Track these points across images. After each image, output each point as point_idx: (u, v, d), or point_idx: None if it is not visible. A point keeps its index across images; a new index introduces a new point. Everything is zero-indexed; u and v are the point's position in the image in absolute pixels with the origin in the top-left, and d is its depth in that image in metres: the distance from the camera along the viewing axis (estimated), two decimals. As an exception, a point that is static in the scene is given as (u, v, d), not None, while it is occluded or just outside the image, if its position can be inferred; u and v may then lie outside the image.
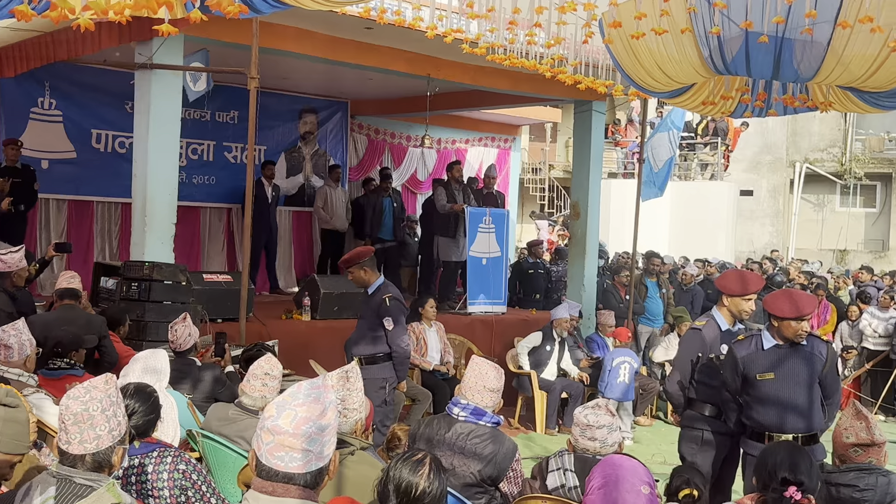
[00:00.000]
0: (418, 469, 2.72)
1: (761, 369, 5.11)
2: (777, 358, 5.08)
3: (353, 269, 6.95)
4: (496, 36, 6.76)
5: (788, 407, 5.03)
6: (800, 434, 4.96)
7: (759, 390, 5.12)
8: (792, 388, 5.03)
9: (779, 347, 5.08)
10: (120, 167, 10.73)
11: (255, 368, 4.63)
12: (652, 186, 12.65)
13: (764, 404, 5.11)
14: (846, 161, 25.53)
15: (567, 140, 23.87)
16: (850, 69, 5.96)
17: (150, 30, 6.95)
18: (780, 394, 5.05)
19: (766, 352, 5.11)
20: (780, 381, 5.05)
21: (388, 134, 14.97)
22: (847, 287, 15.21)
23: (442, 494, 2.77)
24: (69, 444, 2.79)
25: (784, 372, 5.05)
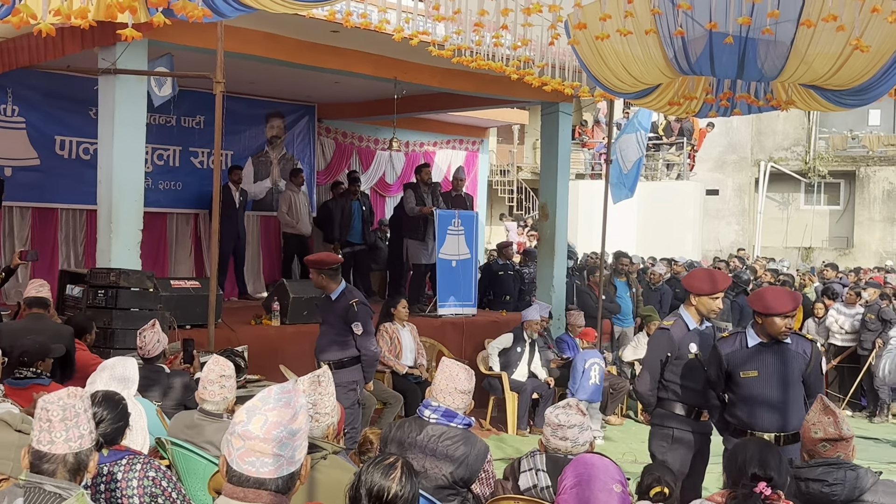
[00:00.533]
0: (390, 473, 2.72)
1: (745, 367, 5.15)
2: (761, 356, 5.12)
3: (313, 272, 7.00)
4: (463, 38, 6.78)
5: (771, 405, 5.06)
6: (782, 433, 5.00)
7: (742, 388, 5.15)
8: (775, 387, 5.06)
9: (763, 345, 5.12)
10: (84, 174, 10.63)
11: (209, 373, 4.58)
12: (622, 188, 12.72)
13: (747, 402, 5.14)
14: (810, 159, 25.85)
15: (535, 142, 23.96)
16: (813, 67, 6.03)
17: (113, 35, 6.92)
18: (763, 392, 5.08)
19: (751, 349, 5.14)
20: (763, 379, 5.09)
21: (356, 137, 14.94)
22: (813, 284, 15.38)
23: (414, 498, 2.77)
24: (52, 443, 2.74)
25: (768, 370, 5.09)
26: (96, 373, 4.69)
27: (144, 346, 5.98)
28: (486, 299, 12.15)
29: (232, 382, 4.60)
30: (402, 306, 9.09)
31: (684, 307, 5.53)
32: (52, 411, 2.78)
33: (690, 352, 5.39)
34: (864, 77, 6.10)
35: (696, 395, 5.41)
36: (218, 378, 4.53)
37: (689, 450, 5.41)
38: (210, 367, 4.59)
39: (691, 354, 5.39)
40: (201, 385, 4.59)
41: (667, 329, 5.46)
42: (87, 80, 8.98)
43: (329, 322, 7.06)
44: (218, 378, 4.53)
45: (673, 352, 5.39)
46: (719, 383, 5.30)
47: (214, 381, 4.52)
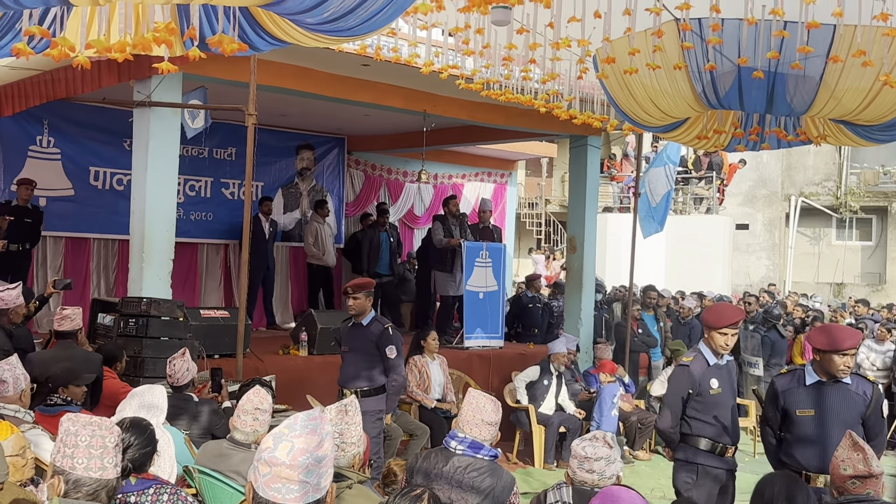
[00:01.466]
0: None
1: (802, 405, 5.05)
2: (819, 394, 5.01)
3: (361, 296, 6.96)
4: (492, 72, 6.83)
5: (828, 446, 4.86)
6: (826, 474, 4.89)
7: (798, 427, 5.06)
8: (832, 427, 4.93)
9: (821, 384, 5.02)
10: (117, 204, 10.79)
11: (245, 403, 4.60)
12: (651, 222, 12.66)
13: (803, 442, 5.04)
14: (841, 195, 25.63)
15: (563, 175, 23.97)
16: (842, 103, 6.02)
17: (148, 68, 7.05)
18: (819, 432, 4.97)
19: (808, 387, 5.06)
20: (820, 418, 4.99)
21: (385, 170, 15.04)
22: (844, 320, 15.20)
23: None
24: (73, 469, 2.79)
25: (825, 409, 4.98)
26: (126, 400, 4.73)
27: (174, 374, 6.02)
28: (513, 331, 12.13)
29: (266, 417, 4.61)
30: (432, 339, 9.07)
31: (703, 342, 5.46)
32: (78, 436, 2.81)
33: (712, 387, 5.32)
34: (894, 113, 6.08)
35: (719, 430, 5.35)
36: (253, 410, 4.55)
37: (715, 485, 5.35)
38: (249, 397, 4.61)
39: (713, 389, 5.32)
40: (236, 412, 4.62)
41: (686, 365, 5.40)
42: (122, 112, 9.13)
43: (357, 349, 7.03)
44: (253, 410, 4.55)
45: (694, 388, 5.33)
46: (775, 421, 5.22)
47: (249, 411, 4.54)
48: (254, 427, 4.53)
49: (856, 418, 4.95)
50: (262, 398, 4.60)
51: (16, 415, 4.84)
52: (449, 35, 6.50)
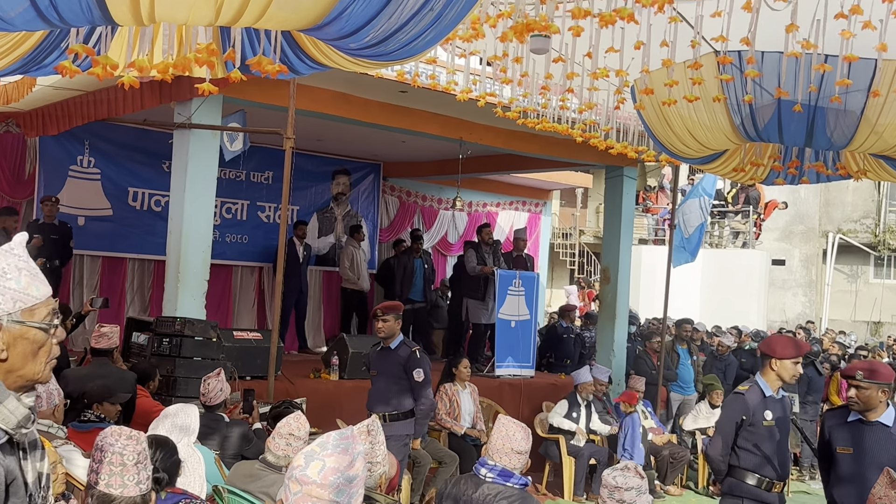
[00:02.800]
0: None
1: (842, 443, 5.01)
2: (858, 433, 4.96)
3: (390, 318, 6.95)
4: (529, 100, 6.85)
5: (863, 487, 4.76)
6: None
7: (838, 465, 5.01)
8: (868, 468, 4.84)
9: (862, 422, 4.96)
10: (155, 225, 10.91)
11: (282, 427, 4.62)
12: (683, 252, 12.63)
13: (841, 480, 4.98)
14: (880, 232, 25.34)
15: (598, 206, 23.92)
16: (883, 137, 5.97)
17: (189, 90, 7.15)
18: (854, 471, 4.91)
19: (849, 425, 5.01)
20: (857, 457, 4.93)
21: (420, 196, 15.09)
22: (883, 359, 14.97)
23: None
24: (96, 483, 2.82)
25: (862, 449, 4.92)
26: (158, 419, 4.75)
27: (207, 392, 6.05)
28: (545, 361, 12.06)
29: (300, 444, 4.61)
30: (463, 366, 9.04)
31: (761, 374, 5.38)
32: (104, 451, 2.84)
33: (766, 419, 5.25)
34: (936, 148, 6.02)
35: (768, 465, 5.26)
36: (287, 435, 4.56)
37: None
38: (288, 421, 4.63)
39: (766, 422, 5.25)
40: (272, 435, 4.64)
41: (742, 394, 5.32)
42: (162, 134, 9.26)
43: (386, 373, 7.02)
44: (287, 435, 4.56)
45: (747, 417, 5.24)
46: (822, 457, 5.18)
47: (284, 436, 4.56)
48: (286, 452, 4.53)
49: (894, 461, 4.85)
50: (301, 425, 4.61)
51: (49, 430, 4.87)
52: (487, 63, 6.54)
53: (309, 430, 4.76)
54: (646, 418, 10.37)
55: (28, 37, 4.00)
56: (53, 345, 2.05)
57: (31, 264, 2.03)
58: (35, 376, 2.03)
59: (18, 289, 1.98)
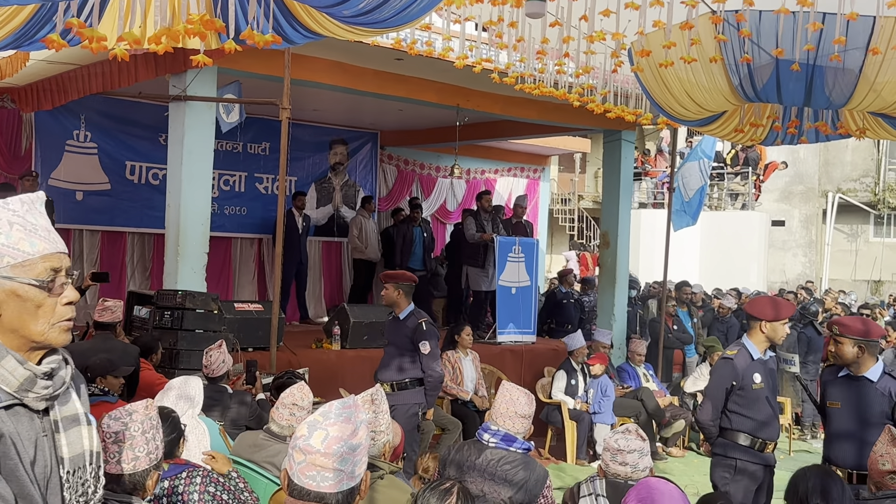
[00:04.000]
0: (446, 498, 2.72)
1: (831, 397, 5.15)
2: (846, 387, 5.08)
3: (389, 286, 6.94)
4: (525, 66, 6.80)
5: (849, 440, 4.96)
6: (855, 470, 4.88)
7: (829, 420, 5.15)
8: (853, 422, 4.97)
9: (850, 377, 5.06)
10: (153, 198, 10.89)
11: (286, 397, 4.65)
12: (683, 215, 12.60)
13: (831, 436, 5.12)
14: (879, 191, 25.29)
15: (596, 171, 23.86)
16: (882, 96, 5.93)
17: (184, 62, 7.10)
18: (842, 426, 5.02)
19: (839, 380, 5.13)
20: (844, 412, 5.04)
21: (418, 164, 15.05)
22: (884, 318, 15.01)
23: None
24: (107, 462, 2.82)
25: (849, 403, 5.03)
26: (162, 392, 4.78)
27: (210, 364, 6.07)
28: (546, 327, 12.09)
29: (303, 415, 4.63)
30: (466, 333, 9.06)
31: (748, 336, 5.43)
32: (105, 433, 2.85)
33: (755, 382, 5.30)
34: (936, 105, 5.99)
35: (759, 425, 5.31)
36: (290, 405, 4.58)
37: (753, 482, 5.30)
38: (292, 391, 4.65)
39: (755, 384, 5.30)
40: (276, 404, 4.66)
41: (730, 358, 5.37)
42: (158, 107, 9.22)
43: (395, 343, 7.04)
44: (290, 405, 4.58)
45: (737, 381, 5.30)
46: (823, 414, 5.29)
47: (287, 405, 4.59)
48: (290, 422, 4.56)
49: (879, 416, 4.92)
50: (304, 395, 4.64)
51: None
52: (482, 29, 6.49)
53: (312, 399, 4.78)
54: (647, 381, 10.43)
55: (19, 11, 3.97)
56: (60, 305, 1.98)
57: (28, 219, 1.97)
58: (39, 337, 1.96)
59: (8, 244, 1.93)
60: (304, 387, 4.74)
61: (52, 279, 1.97)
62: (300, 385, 4.76)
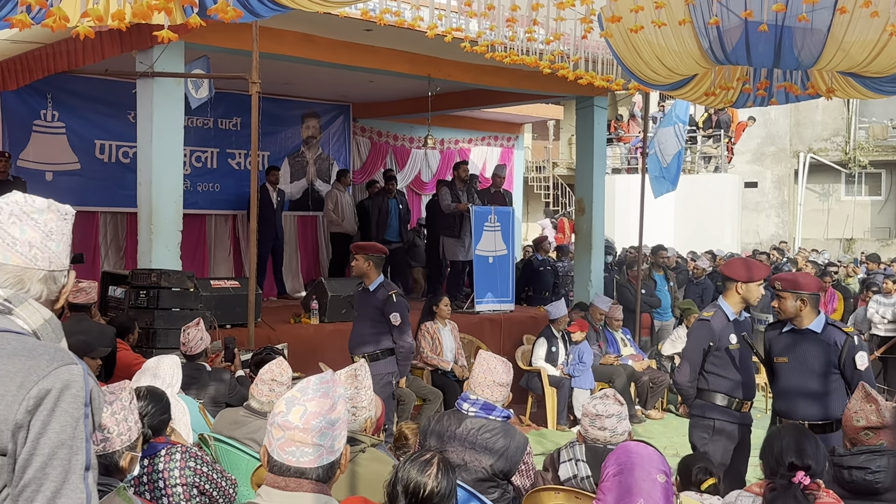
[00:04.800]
0: (426, 469, 2.73)
1: (778, 353, 5.21)
2: (791, 342, 5.15)
3: (360, 257, 6.98)
4: (496, 34, 6.77)
5: (801, 394, 5.05)
6: (809, 421, 4.96)
7: (777, 376, 5.22)
8: (803, 375, 5.06)
9: (795, 332, 5.13)
10: (124, 177, 10.78)
11: (265, 373, 4.65)
12: (663, 181, 12.58)
13: (780, 391, 5.20)
14: (850, 150, 25.48)
15: (570, 138, 23.87)
16: (850, 55, 5.96)
17: (150, 38, 7.02)
18: (792, 380, 5.10)
19: (784, 335, 5.19)
20: (792, 366, 5.11)
21: (391, 136, 14.99)
22: (857, 275, 15.19)
23: (451, 493, 2.78)
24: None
25: (796, 358, 5.10)
26: (140, 372, 4.76)
27: (188, 342, 6.05)
28: (524, 295, 12.13)
29: (282, 390, 4.64)
30: (444, 304, 9.08)
31: (723, 298, 5.49)
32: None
33: (731, 342, 5.36)
34: (904, 63, 6.02)
35: (736, 385, 5.38)
36: (270, 381, 4.59)
37: (731, 441, 5.38)
38: (270, 367, 4.66)
39: (732, 345, 5.36)
40: (255, 380, 4.67)
41: (707, 320, 5.42)
42: (125, 84, 9.11)
43: (365, 314, 7.08)
44: (270, 381, 4.59)
45: (714, 342, 5.36)
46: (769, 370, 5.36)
47: (266, 381, 4.59)
48: (269, 398, 4.57)
49: (827, 367, 5.01)
50: (283, 370, 4.65)
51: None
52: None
53: (291, 374, 4.79)
54: (625, 346, 10.50)
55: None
56: None
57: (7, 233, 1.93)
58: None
59: None
60: (282, 362, 4.74)
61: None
62: (279, 361, 4.77)
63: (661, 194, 12.76)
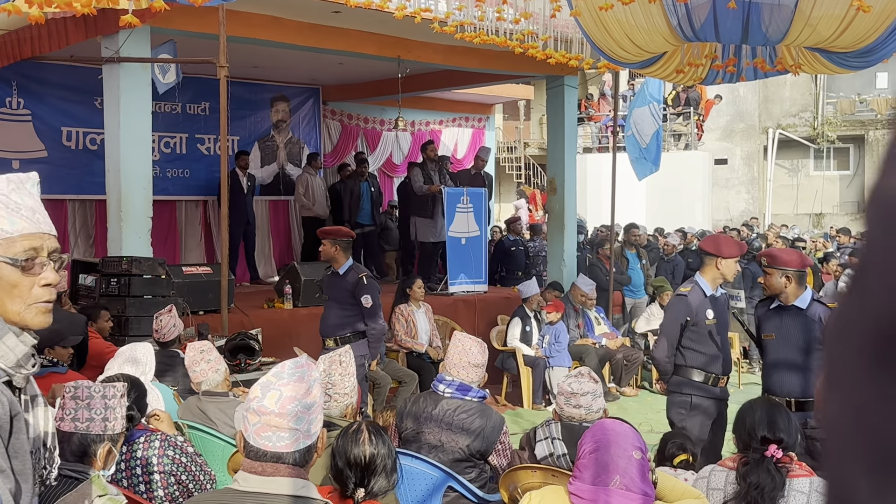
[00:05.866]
0: (358, 437, 2.78)
1: (765, 329, 5.27)
2: (779, 319, 5.19)
3: (327, 242, 6.97)
4: (465, 14, 6.76)
5: (788, 369, 5.10)
6: (793, 398, 5.01)
7: (765, 352, 5.29)
8: (790, 351, 5.11)
9: (781, 308, 5.18)
10: (92, 164, 10.67)
11: (190, 360, 4.72)
12: (645, 162, 12.50)
13: (769, 366, 5.26)
14: (818, 125, 25.69)
15: (541, 117, 23.89)
16: (818, 30, 6.00)
17: (115, 23, 6.92)
18: (779, 356, 5.16)
19: (772, 311, 5.24)
20: (779, 342, 5.17)
21: (362, 119, 14.93)
22: (827, 249, 15.34)
23: (390, 454, 2.83)
24: (62, 420, 2.83)
25: (783, 333, 5.16)
26: (113, 359, 4.73)
27: (160, 329, 6.02)
28: (497, 275, 12.15)
29: (215, 354, 4.71)
30: (417, 286, 9.07)
31: (700, 274, 5.51)
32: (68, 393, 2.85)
33: (707, 318, 5.40)
34: (869, 39, 6.08)
35: (713, 361, 5.42)
36: (200, 356, 4.62)
37: (708, 416, 5.43)
38: (188, 354, 4.71)
39: (709, 320, 5.40)
40: (190, 373, 4.68)
41: (685, 295, 5.46)
42: (91, 70, 8.99)
43: (336, 298, 7.07)
44: (200, 356, 4.62)
45: (691, 317, 5.40)
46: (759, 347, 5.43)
47: (199, 360, 4.61)
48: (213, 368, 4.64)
49: (812, 343, 5.07)
50: (199, 345, 4.72)
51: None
52: (420, -23, 6.41)
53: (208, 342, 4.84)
54: (599, 324, 10.55)
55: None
56: (37, 286, 1.89)
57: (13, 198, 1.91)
58: (15, 317, 1.88)
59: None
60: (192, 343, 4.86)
61: (30, 259, 1.89)
62: (189, 345, 4.87)
63: (645, 176, 12.69)
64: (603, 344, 10.13)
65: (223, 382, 4.70)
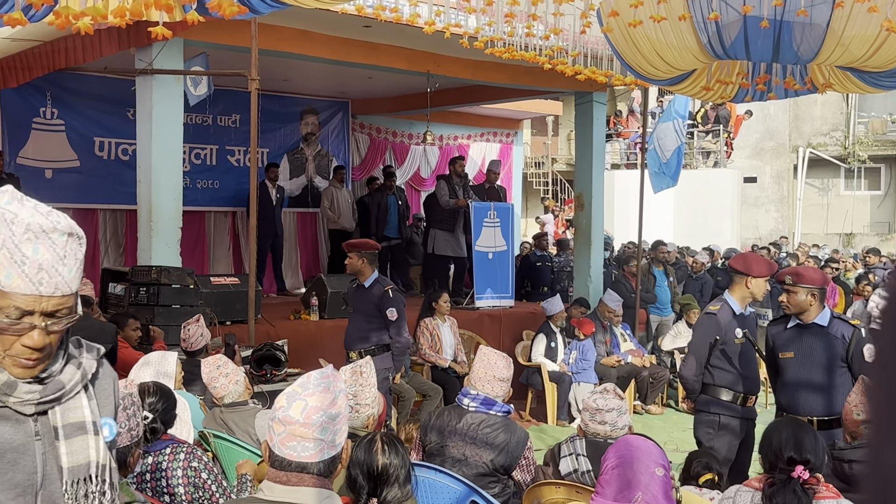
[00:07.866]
0: (372, 448, 2.79)
1: (784, 349, 5.20)
2: (799, 338, 5.13)
3: (353, 255, 6.97)
4: (494, 29, 6.77)
5: (809, 388, 5.04)
6: (815, 417, 4.96)
7: (782, 371, 5.20)
8: (812, 370, 5.04)
9: (801, 327, 5.12)
10: (123, 174, 10.78)
11: (208, 376, 4.71)
12: (663, 177, 12.54)
13: (786, 385, 5.18)
14: (849, 144, 25.47)
15: (569, 133, 23.87)
16: (850, 50, 5.97)
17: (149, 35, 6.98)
18: (800, 375, 5.09)
19: (789, 331, 5.18)
20: (799, 361, 5.10)
21: (390, 132, 14.99)
22: (857, 270, 15.19)
23: (404, 465, 2.84)
24: None
25: (804, 352, 5.10)
26: (137, 367, 4.76)
27: (188, 338, 6.06)
28: (523, 291, 12.13)
29: (232, 367, 4.71)
30: (443, 300, 9.06)
31: (730, 292, 5.46)
32: None
33: (737, 336, 5.35)
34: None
35: (741, 380, 5.37)
36: (217, 372, 4.62)
37: (736, 436, 5.38)
38: (205, 372, 4.71)
39: (738, 339, 5.35)
40: (210, 389, 4.69)
41: (714, 314, 5.41)
42: (125, 81, 9.10)
43: (361, 310, 7.07)
44: (217, 372, 4.62)
45: (720, 336, 5.35)
46: (769, 366, 5.34)
47: (217, 376, 4.62)
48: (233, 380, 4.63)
49: (834, 361, 5.01)
50: (214, 360, 4.72)
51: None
52: (450, -7, 6.44)
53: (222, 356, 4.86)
54: (625, 341, 10.50)
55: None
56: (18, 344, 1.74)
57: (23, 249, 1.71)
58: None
59: None
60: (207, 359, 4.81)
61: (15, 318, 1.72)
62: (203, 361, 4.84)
63: (661, 189, 12.74)
64: (629, 361, 10.07)
65: (244, 392, 4.73)
